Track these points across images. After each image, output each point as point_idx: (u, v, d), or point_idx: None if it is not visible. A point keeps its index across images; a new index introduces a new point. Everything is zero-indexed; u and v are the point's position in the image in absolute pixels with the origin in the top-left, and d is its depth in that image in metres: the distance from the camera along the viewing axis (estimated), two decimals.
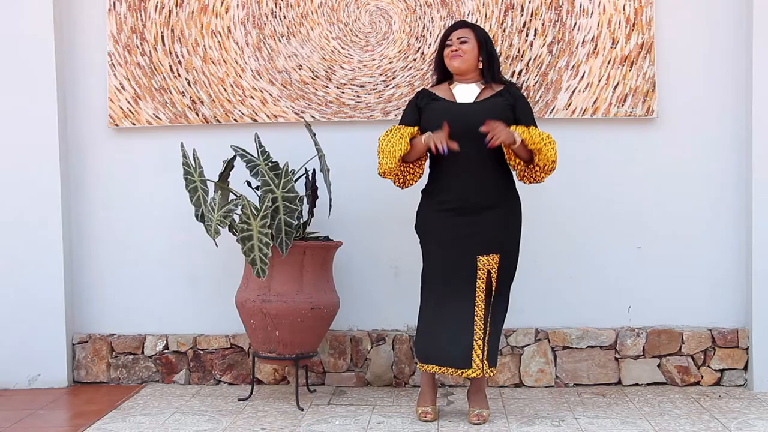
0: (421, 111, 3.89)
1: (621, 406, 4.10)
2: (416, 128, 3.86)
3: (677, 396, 4.27)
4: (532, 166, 3.86)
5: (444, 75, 3.98)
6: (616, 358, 4.46)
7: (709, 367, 4.44)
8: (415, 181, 3.94)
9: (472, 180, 3.79)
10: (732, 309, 4.46)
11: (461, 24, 3.97)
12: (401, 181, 3.93)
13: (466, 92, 3.91)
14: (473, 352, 3.76)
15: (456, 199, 3.81)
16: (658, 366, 4.45)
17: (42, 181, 4.52)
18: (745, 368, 4.43)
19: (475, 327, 3.77)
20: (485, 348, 3.80)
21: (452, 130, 3.76)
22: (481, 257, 3.79)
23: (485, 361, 3.82)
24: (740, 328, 4.43)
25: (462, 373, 3.78)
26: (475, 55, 3.88)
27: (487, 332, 3.81)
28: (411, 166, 3.91)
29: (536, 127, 3.86)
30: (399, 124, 3.93)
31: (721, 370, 4.44)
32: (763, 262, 4.33)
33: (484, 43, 3.91)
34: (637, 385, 4.44)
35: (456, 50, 3.87)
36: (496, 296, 3.84)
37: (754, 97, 4.31)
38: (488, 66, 3.91)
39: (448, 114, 3.81)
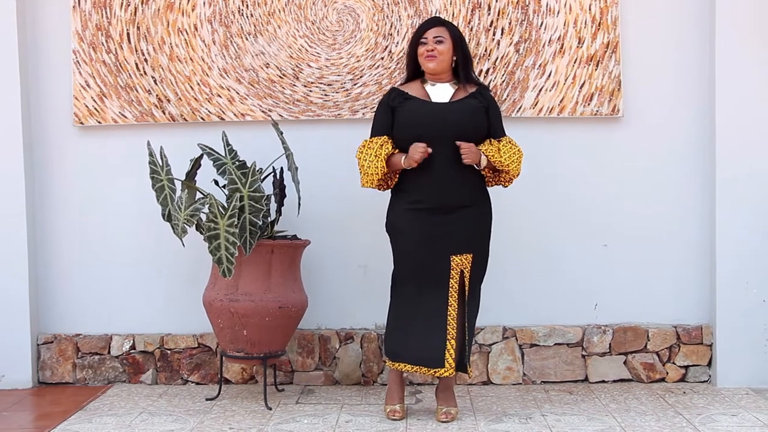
0: (394, 111, 3.86)
1: (588, 403, 4.13)
2: (389, 143, 3.83)
3: (643, 392, 4.31)
4: (497, 175, 3.92)
5: (415, 72, 3.95)
6: (583, 356, 4.50)
7: (674, 363, 4.49)
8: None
9: (445, 180, 3.79)
10: (696, 306, 4.51)
11: (436, 21, 3.93)
12: (383, 187, 3.94)
13: (440, 92, 3.88)
14: (446, 352, 3.77)
15: (429, 199, 3.81)
16: (624, 363, 4.49)
17: (6, 180, 4.47)
18: (709, 364, 4.48)
19: (448, 326, 3.78)
20: (462, 348, 3.83)
21: (427, 129, 3.77)
22: (454, 257, 3.80)
23: (466, 361, 3.85)
24: (704, 324, 4.49)
25: (435, 372, 3.79)
26: (450, 55, 3.86)
27: (465, 332, 3.84)
28: (392, 174, 3.90)
29: (504, 132, 3.90)
30: (372, 132, 3.90)
31: (686, 367, 4.49)
32: (727, 259, 4.38)
33: (459, 43, 3.89)
34: (603, 381, 4.48)
35: (432, 50, 3.83)
36: (469, 296, 3.85)
37: (717, 96, 4.36)
38: (463, 66, 3.90)
39: (423, 114, 3.80)
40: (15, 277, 4.48)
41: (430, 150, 3.74)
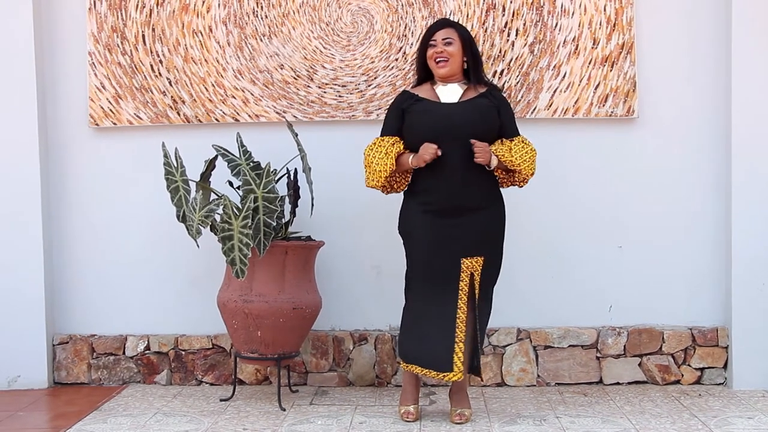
0: (404, 113, 3.85)
1: (602, 405, 4.12)
2: (401, 143, 3.83)
3: (658, 395, 4.29)
4: (510, 175, 3.90)
5: (426, 74, 3.94)
6: (598, 357, 4.48)
7: (689, 365, 4.47)
8: (402, 189, 3.94)
9: (456, 181, 3.78)
10: (712, 308, 4.49)
11: (444, 23, 3.92)
12: (387, 190, 3.93)
13: (449, 92, 3.88)
14: (454, 355, 3.75)
15: (441, 200, 3.80)
16: (639, 365, 4.47)
17: (22, 181, 4.49)
18: (725, 367, 4.46)
19: (456, 329, 3.77)
20: (472, 351, 3.82)
21: (437, 130, 3.76)
22: (465, 259, 3.79)
23: (476, 364, 3.84)
24: (720, 326, 4.46)
25: (444, 376, 3.77)
26: (460, 57, 3.85)
27: (477, 335, 3.83)
28: (397, 176, 3.91)
29: (517, 131, 3.89)
30: (382, 131, 3.90)
31: (701, 369, 4.47)
32: (742, 261, 4.35)
33: (469, 44, 3.88)
34: (618, 383, 4.46)
35: (441, 52, 3.82)
36: (480, 299, 3.84)
37: (733, 97, 4.34)
38: (473, 67, 3.89)
39: (432, 114, 3.79)
40: (30, 278, 4.50)
41: (440, 152, 3.73)
